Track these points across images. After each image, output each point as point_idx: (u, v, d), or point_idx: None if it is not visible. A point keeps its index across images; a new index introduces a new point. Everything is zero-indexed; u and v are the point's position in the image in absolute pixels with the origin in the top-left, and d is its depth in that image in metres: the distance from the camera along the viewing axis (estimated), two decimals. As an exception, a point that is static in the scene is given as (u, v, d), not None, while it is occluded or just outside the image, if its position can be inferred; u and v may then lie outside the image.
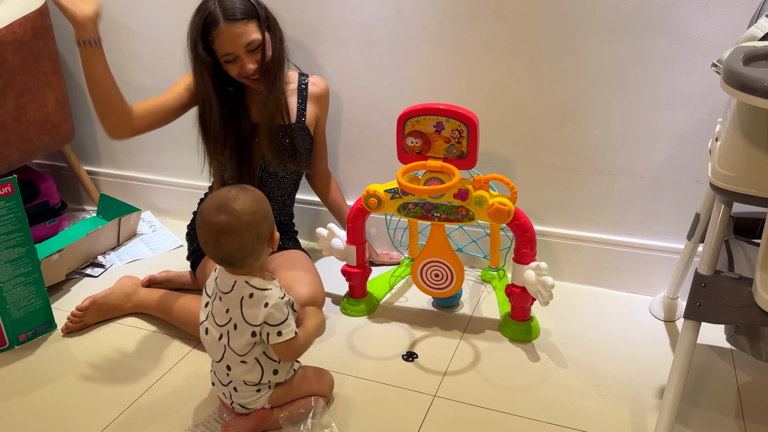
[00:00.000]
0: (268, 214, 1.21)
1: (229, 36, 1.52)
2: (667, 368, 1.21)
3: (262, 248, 1.21)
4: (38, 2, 1.93)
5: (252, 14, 1.54)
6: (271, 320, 1.19)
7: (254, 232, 1.18)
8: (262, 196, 1.22)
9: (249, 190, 1.21)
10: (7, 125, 1.89)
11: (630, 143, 1.64)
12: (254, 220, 1.18)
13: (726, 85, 0.95)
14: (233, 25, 1.51)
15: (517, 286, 1.54)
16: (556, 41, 1.60)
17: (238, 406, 1.27)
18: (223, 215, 1.16)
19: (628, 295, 1.76)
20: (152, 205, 2.29)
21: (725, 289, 1.11)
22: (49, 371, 1.50)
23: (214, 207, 1.17)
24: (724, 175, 1.03)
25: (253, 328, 1.19)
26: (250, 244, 1.18)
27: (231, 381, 1.26)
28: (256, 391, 1.26)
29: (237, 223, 1.16)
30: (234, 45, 1.53)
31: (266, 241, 1.22)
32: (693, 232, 1.47)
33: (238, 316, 1.21)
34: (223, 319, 1.23)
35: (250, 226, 1.17)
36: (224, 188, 1.21)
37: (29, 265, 1.58)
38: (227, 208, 1.16)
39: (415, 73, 1.77)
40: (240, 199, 1.18)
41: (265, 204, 1.22)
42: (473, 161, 1.52)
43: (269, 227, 1.22)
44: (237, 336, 1.21)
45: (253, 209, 1.18)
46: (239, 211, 1.16)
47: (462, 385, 1.43)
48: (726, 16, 1.44)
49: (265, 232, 1.20)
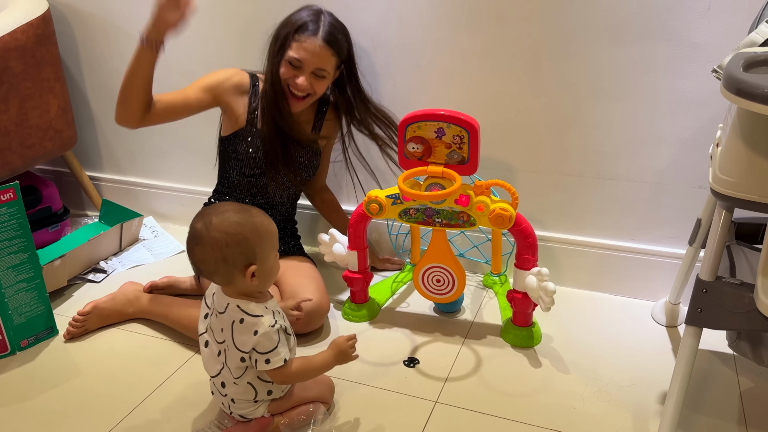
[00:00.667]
0: (246, 243, 1.14)
1: (311, 49, 1.57)
2: (669, 374, 1.20)
3: (230, 273, 1.15)
4: (41, 9, 1.94)
5: (341, 54, 1.63)
6: (259, 348, 1.16)
7: (219, 253, 1.13)
8: (257, 225, 1.16)
9: (249, 213, 1.16)
10: (9, 131, 1.89)
11: (631, 149, 1.64)
12: (222, 240, 1.12)
13: (726, 91, 0.95)
14: (322, 46, 1.57)
15: (518, 292, 1.54)
16: (557, 47, 1.61)
17: (238, 416, 1.27)
18: (199, 223, 1.15)
19: (630, 300, 1.76)
20: (154, 210, 2.29)
21: (727, 295, 1.11)
22: (50, 377, 1.50)
23: (201, 212, 1.18)
24: (725, 181, 1.03)
25: (242, 354, 1.18)
26: (213, 263, 1.14)
27: (227, 394, 1.25)
28: (254, 402, 1.26)
29: (204, 235, 1.13)
30: (308, 57, 1.57)
31: (236, 269, 1.14)
32: (694, 237, 1.47)
33: (229, 339, 1.19)
34: (221, 336, 1.22)
35: (215, 243, 1.13)
36: (231, 203, 1.20)
37: (31, 270, 1.58)
38: (206, 217, 1.15)
39: (416, 79, 1.77)
40: (224, 216, 1.14)
41: (251, 233, 1.14)
42: (474, 167, 1.52)
43: (241, 256, 1.14)
44: (231, 357, 1.20)
45: (228, 231, 1.13)
46: (212, 226, 1.13)
47: (464, 391, 1.43)
48: (726, 22, 1.45)
49: (232, 258, 1.13)
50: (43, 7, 1.95)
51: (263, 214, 1.19)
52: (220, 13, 1.90)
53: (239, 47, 1.91)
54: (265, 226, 1.17)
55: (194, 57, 1.99)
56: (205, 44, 1.96)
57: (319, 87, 1.63)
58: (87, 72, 2.17)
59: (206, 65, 1.97)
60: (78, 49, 2.14)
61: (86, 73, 2.18)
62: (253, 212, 1.18)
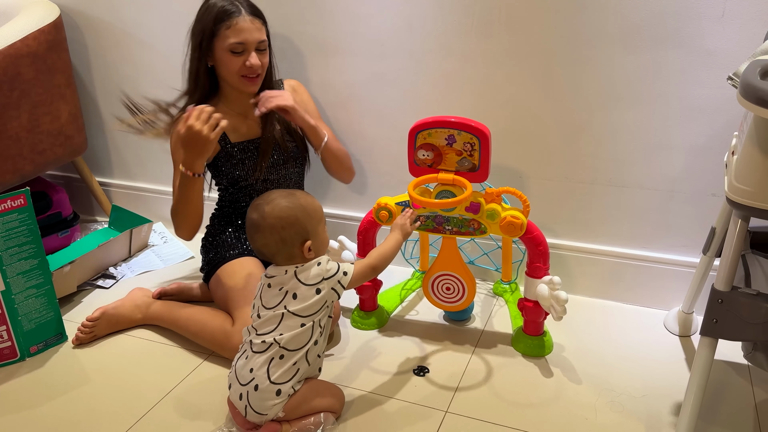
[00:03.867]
0: (298, 223, 1.28)
1: (246, 28, 1.56)
2: (682, 384, 1.19)
3: (290, 251, 1.29)
4: (53, 15, 1.95)
5: (260, 14, 1.61)
6: (327, 274, 1.29)
7: (277, 236, 1.28)
8: (304, 205, 1.30)
9: (294, 196, 1.31)
10: (21, 137, 1.90)
11: (644, 156, 1.63)
12: (278, 224, 1.27)
13: (743, 99, 0.94)
14: (253, 19, 1.57)
15: (530, 301, 1.53)
16: (569, 53, 1.60)
17: (251, 412, 1.26)
18: (255, 213, 1.30)
19: (643, 309, 1.74)
20: (164, 216, 2.29)
21: (743, 306, 1.09)
22: (59, 384, 1.50)
23: (254, 203, 1.31)
24: (741, 190, 1.02)
25: (316, 286, 1.28)
26: (274, 245, 1.29)
27: (253, 379, 1.26)
28: (276, 394, 1.26)
29: (262, 223, 1.28)
30: (249, 36, 1.56)
31: (294, 246, 1.29)
32: (708, 246, 1.45)
33: (296, 285, 1.28)
34: (277, 298, 1.29)
35: (273, 229, 1.28)
36: (277, 190, 1.33)
37: (41, 276, 1.58)
38: (259, 208, 1.29)
39: (427, 85, 1.76)
40: (274, 203, 1.29)
41: (300, 213, 1.29)
42: (485, 174, 1.51)
43: (297, 235, 1.28)
44: (300, 301, 1.28)
45: (281, 215, 1.28)
46: (267, 213, 1.28)
47: (474, 400, 1.41)
48: (741, 29, 1.43)
49: (290, 238, 1.28)
50: (54, 13, 1.96)
51: (307, 194, 1.34)
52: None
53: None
54: (312, 204, 1.32)
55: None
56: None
57: (265, 60, 1.63)
58: (98, 78, 2.18)
59: (216, 72, 1.98)
60: (89, 55, 2.15)
61: (97, 79, 2.19)
62: (298, 194, 1.32)
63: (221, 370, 1.52)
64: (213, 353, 1.58)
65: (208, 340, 1.56)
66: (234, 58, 1.58)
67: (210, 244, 1.76)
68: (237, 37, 1.56)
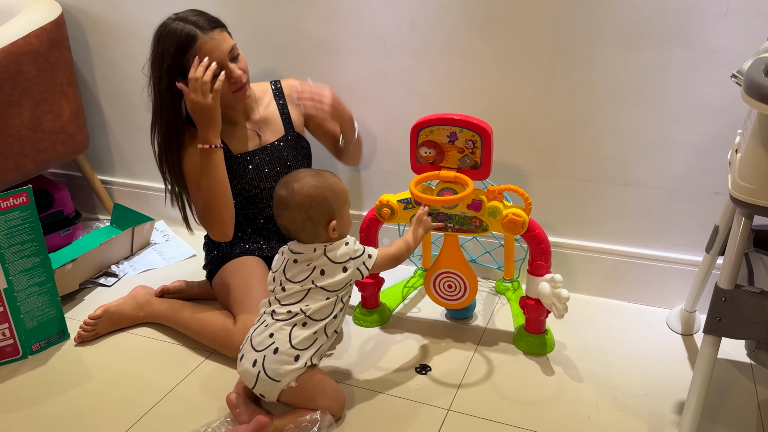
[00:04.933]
0: (326, 202, 1.31)
1: (212, 46, 1.48)
2: (685, 382, 1.18)
3: (316, 230, 1.33)
4: (55, 13, 1.95)
5: (218, 23, 1.53)
6: (354, 254, 1.34)
7: (305, 213, 1.31)
8: (332, 186, 1.33)
9: (323, 176, 1.34)
10: (23, 135, 1.90)
11: (646, 154, 1.62)
12: (306, 202, 1.30)
13: (747, 96, 0.94)
14: (212, 34, 1.49)
15: (531, 299, 1.52)
16: (571, 51, 1.59)
17: (264, 378, 1.28)
18: (283, 190, 1.32)
19: (645, 307, 1.74)
20: (166, 214, 2.29)
21: (746, 304, 1.09)
22: (61, 381, 1.50)
23: (283, 181, 1.34)
24: (745, 188, 1.02)
25: (343, 265, 1.32)
26: (301, 223, 1.32)
27: (273, 343, 1.29)
28: (294, 359, 1.28)
29: (290, 200, 1.31)
30: (219, 52, 1.49)
31: (320, 225, 1.32)
32: (711, 244, 1.45)
33: (324, 263, 1.32)
34: (305, 273, 1.33)
35: (300, 206, 1.30)
36: (305, 169, 1.38)
37: (43, 274, 1.58)
38: (288, 185, 1.32)
39: (429, 83, 1.76)
40: (303, 181, 1.31)
41: (329, 193, 1.32)
42: (487, 172, 1.50)
43: (324, 214, 1.32)
44: (327, 277, 1.32)
45: (310, 193, 1.31)
46: (296, 191, 1.31)
47: (476, 398, 1.41)
48: (744, 27, 1.43)
49: (317, 216, 1.31)
50: (56, 11, 1.96)
51: (334, 176, 1.37)
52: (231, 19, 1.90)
53: (251, 52, 1.91)
54: (339, 185, 1.36)
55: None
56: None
57: (243, 63, 1.57)
58: (100, 76, 2.18)
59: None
60: (91, 53, 2.15)
61: (99, 77, 2.18)
62: (326, 175, 1.35)
63: (223, 368, 1.52)
64: (215, 351, 1.58)
65: (210, 338, 1.56)
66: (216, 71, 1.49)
67: (212, 242, 1.76)
68: (212, 57, 1.48)
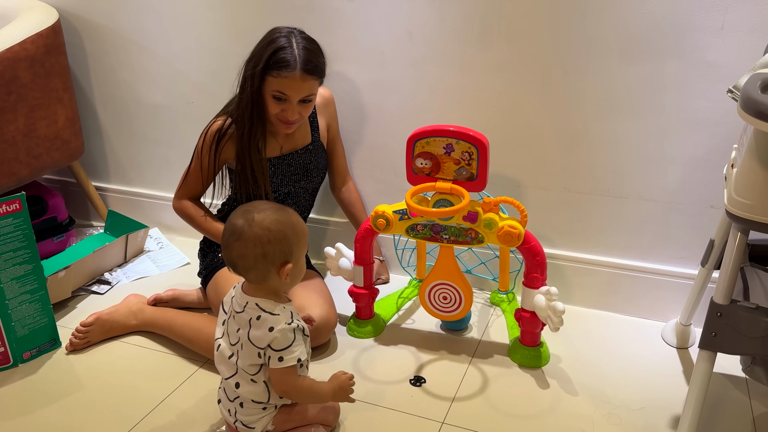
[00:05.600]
0: (286, 240, 1.18)
1: (296, 85, 1.52)
2: (680, 396, 1.18)
3: (267, 270, 1.19)
4: (51, 19, 1.95)
5: (321, 74, 1.56)
6: (275, 344, 1.18)
7: (260, 248, 1.17)
8: (295, 225, 1.21)
9: (286, 212, 1.21)
10: (17, 141, 1.89)
11: (642, 167, 1.62)
12: (264, 236, 1.17)
13: (743, 112, 0.94)
14: (306, 77, 1.52)
15: (526, 311, 1.52)
16: (568, 64, 1.59)
17: (241, 426, 1.25)
18: (241, 219, 1.18)
19: (640, 320, 1.74)
20: (160, 221, 2.28)
21: (742, 319, 1.09)
22: (52, 391, 1.48)
23: (242, 210, 1.21)
24: (741, 203, 1.02)
25: (258, 350, 1.19)
26: (253, 259, 1.18)
27: (238, 396, 1.24)
28: (262, 409, 1.24)
29: (247, 231, 1.17)
30: (295, 92, 1.53)
31: (274, 265, 1.19)
32: (707, 258, 1.45)
33: (244, 336, 1.21)
34: (234, 338, 1.23)
35: (257, 239, 1.17)
36: (267, 201, 1.25)
37: (35, 282, 1.57)
38: (248, 214, 1.18)
39: (426, 93, 1.76)
40: (265, 214, 1.18)
41: (290, 231, 1.19)
42: (483, 183, 1.50)
43: (281, 253, 1.18)
44: (245, 356, 1.21)
45: (270, 227, 1.17)
46: (255, 222, 1.17)
47: (471, 411, 1.40)
48: (740, 42, 1.43)
49: (272, 254, 1.18)
50: (53, 17, 1.96)
51: (298, 215, 1.24)
52: (228, 26, 1.90)
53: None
54: (301, 226, 1.23)
55: (203, 70, 1.99)
56: (214, 58, 1.96)
57: (307, 111, 1.60)
58: (95, 83, 2.18)
59: (214, 78, 1.98)
60: (87, 59, 2.15)
61: (95, 83, 2.18)
62: (290, 212, 1.23)
63: (216, 378, 1.50)
64: (208, 361, 1.57)
65: (204, 347, 1.55)
66: (275, 102, 1.55)
67: (208, 249, 1.75)
68: (282, 89, 1.52)
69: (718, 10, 1.43)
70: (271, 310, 1.20)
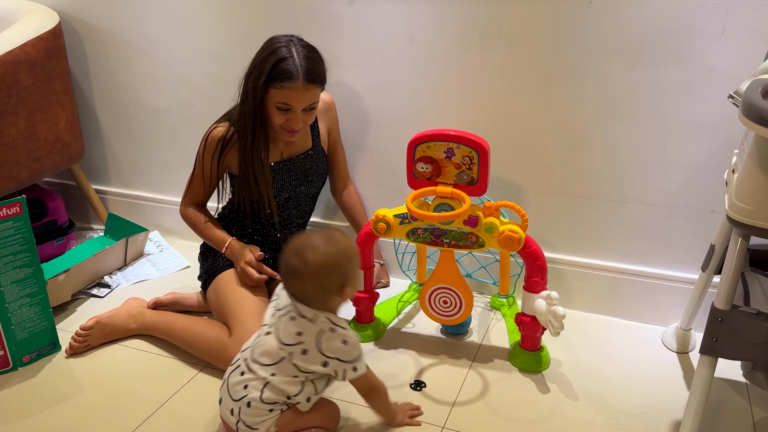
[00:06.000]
0: (341, 270, 1.23)
1: (299, 95, 1.52)
2: (681, 401, 1.18)
3: (327, 298, 1.25)
4: (52, 22, 1.95)
5: (323, 81, 1.57)
6: (346, 356, 1.24)
7: (318, 284, 1.22)
8: (346, 251, 1.24)
9: (335, 240, 1.24)
10: (17, 144, 1.89)
11: (643, 171, 1.62)
12: (321, 273, 1.21)
13: (744, 118, 0.94)
14: (308, 86, 1.52)
15: (527, 315, 1.52)
16: (569, 68, 1.60)
17: (243, 426, 1.25)
18: (295, 259, 1.22)
19: (640, 325, 1.74)
20: (160, 225, 2.28)
21: (743, 325, 1.09)
22: (52, 394, 1.48)
23: (293, 248, 1.23)
24: (742, 209, 1.02)
25: (326, 359, 1.23)
26: (313, 292, 1.23)
27: (246, 395, 1.24)
28: (269, 411, 1.24)
29: (304, 271, 1.21)
30: (299, 102, 1.53)
31: (334, 293, 1.24)
32: (708, 263, 1.45)
33: (312, 344, 1.23)
34: (292, 339, 1.25)
35: (315, 277, 1.21)
36: (314, 232, 1.26)
37: (35, 285, 1.57)
38: (301, 254, 1.21)
39: (426, 97, 1.76)
40: (317, 251, 1.21)
41: (344, 260, 1.23)
42: (484, 188, 1.50)
43: (338, 282, 1.23)
44: (306, 360, 1.24)
45: (325, 264, 1.21)
46: (310, 262, 1.20)
47: (471, 416, 1.40)
48: (740, 47, 1.43)
49: (331, 286, 1.23)
50: (54, 21, 1.96)
51: (346, 237, 1.27)
52: (229, 30, 1.91)
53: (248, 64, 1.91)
54: (353, 248, 1.27)
55: (204, 74, 1.99)
56: (214, 61, 1.96)
57: (311, 118, 1.61)
58: (96, 86, 2.18)
59: (214, 81, 1.98)
60: (88, 63, 2.15)
61: (95, 86, 2.18)
62: (338, 237, 1.25)
63: (216, 382, 1.50)
64: (208, 364, 1.56)
65: (204, 351, 1.55)
66: (278, 112, 1.56)
67: (208, 252, 1.75)
68: (286, 100, 1.53)
69: (719, 16, 1.43)
70: (341, 324, 1.26)
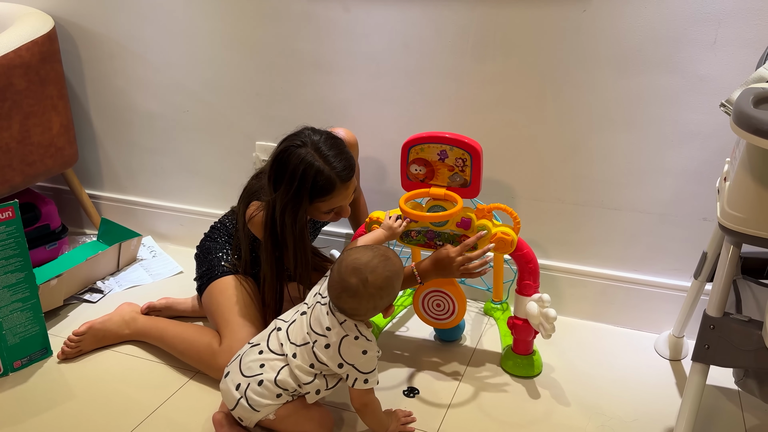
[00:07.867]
0: (394, 291, 1.29)
1: (343, 195, 1.47)
2: (673, 409, 1.18)
3: (373, 314, 1.29)
4: (47, 27, 1.95)
5: (354, 166, 1.49)
6: (362, 367, 1.26)
7: (373, 303, 1.26)
8: (398, 270, 1.29)
9: (389, 261, 1.28)
10: (11, 148, 1.89)
11: (636, 179, 1.63)
12: (377, 294, 1.25)
13: (736, 126, 0.94)
14: (348, 184, 1.47)
15: (519, 319, 1.52)
16: (562, 76, 1.60)
17: (244, 403, 1.26)
18: (354, 279, 1.24)
19: (633, 332, 1.74)
20: (153, 230, 2.28)
21: (734, 332, 1.09)
22: (43, 400, 1.47)
23: (351, 267, 1.25)
24: (734, 217, 1.02)
25: (342, 361, 1.26)
26: (364, 311, 1.27)
27: (261, 374, 1.27)
28: (277, 396, 1.26)
29: (362, 291, 1.24)
30: (345, 200, 1.50)
31: (381, 310, 1.29)
32: (700, 271, 1.45)
33: (335, 343, 1.26)
34: (320, 330, 1.28)
35: (371, 298, 1.25)
36: (369, 250, 1.28)
37: (27, 290, 1.56)
38: (361, 274, 1.24)
39: (421, 104, 1.77)
40: (376, 272, 1.25)
41: (396, 279, 1.28)
42: (477, 190, 1.51)
43: (389, 301, 1.29)
44: (325, 354, 1.26)
45: (382, 286, 1.25)
46: (369, 283, 1.24)
47: (465, 422, 1.40)
48: (732, 56, 1.45)
49: (383, 305, 1.28)
50: (48, 25, 1.96)
51: (396, 256, 1.31)
52: (224, 35, 1.91)
53: (244, 70, 1.91)
54: (400, 266, 1.31)
55: (199, 79, 1.99)
56: (209, 67, 1.96)
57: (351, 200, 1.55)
58: (90, 90, 2.17)
59: (210, 88, 1.98)
60: (82, 67, 2.14)
61: (89, 91, 2.17)
62: (392, 257, 1.29)
63: (208, 389, 1.50)
64: (199, 372, 1.56)
65: (195, 358, 1.54)
66: (328, 215, 1.51)
67: (204, 256, 1.73)
68: (332, 206, 1.48)
69: (711, 25, 1.44)
70: (367, 336, 1.28)
